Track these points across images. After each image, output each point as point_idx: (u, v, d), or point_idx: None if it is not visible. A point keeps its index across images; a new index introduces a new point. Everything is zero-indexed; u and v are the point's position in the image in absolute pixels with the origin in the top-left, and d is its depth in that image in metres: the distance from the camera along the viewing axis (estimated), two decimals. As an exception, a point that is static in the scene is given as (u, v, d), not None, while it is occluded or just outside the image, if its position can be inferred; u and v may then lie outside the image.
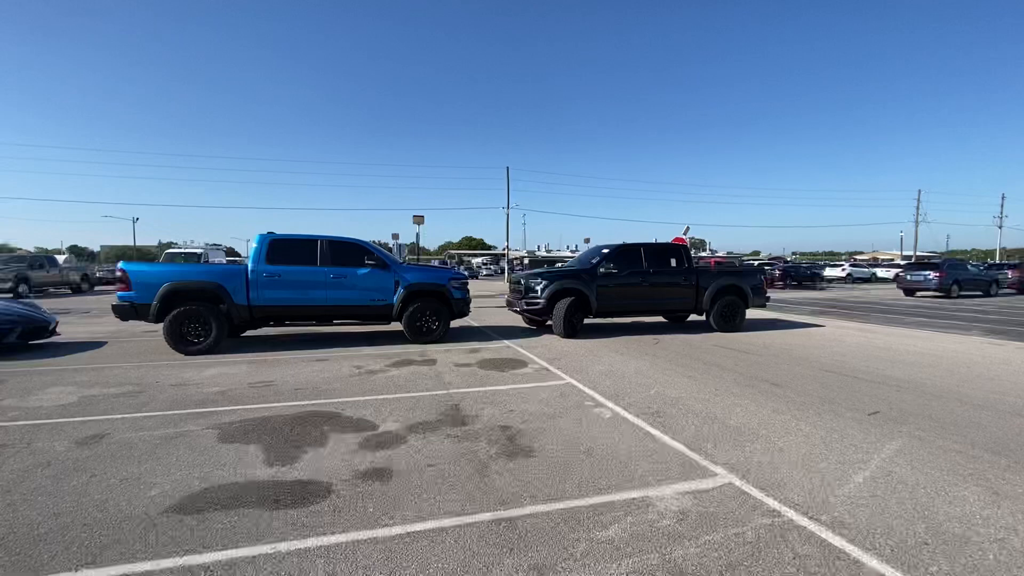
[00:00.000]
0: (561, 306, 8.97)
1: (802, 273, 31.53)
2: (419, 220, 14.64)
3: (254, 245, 7.87)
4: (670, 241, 20.63)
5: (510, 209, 46.51)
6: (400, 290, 8.28)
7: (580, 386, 5.55)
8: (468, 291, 9.10)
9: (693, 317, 11.03)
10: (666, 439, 3.88)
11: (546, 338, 9.07)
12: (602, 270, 9.40)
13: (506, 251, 43.89)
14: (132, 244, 66.02)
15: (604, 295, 9.35)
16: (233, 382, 5.70)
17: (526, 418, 4.40)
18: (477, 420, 4.35)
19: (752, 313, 12.32)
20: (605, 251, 9.83)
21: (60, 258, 24.41)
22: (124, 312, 7.32)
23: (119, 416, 4.46)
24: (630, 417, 4.43)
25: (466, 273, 7.48)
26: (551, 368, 6.49)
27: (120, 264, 7.41)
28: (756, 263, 41.57)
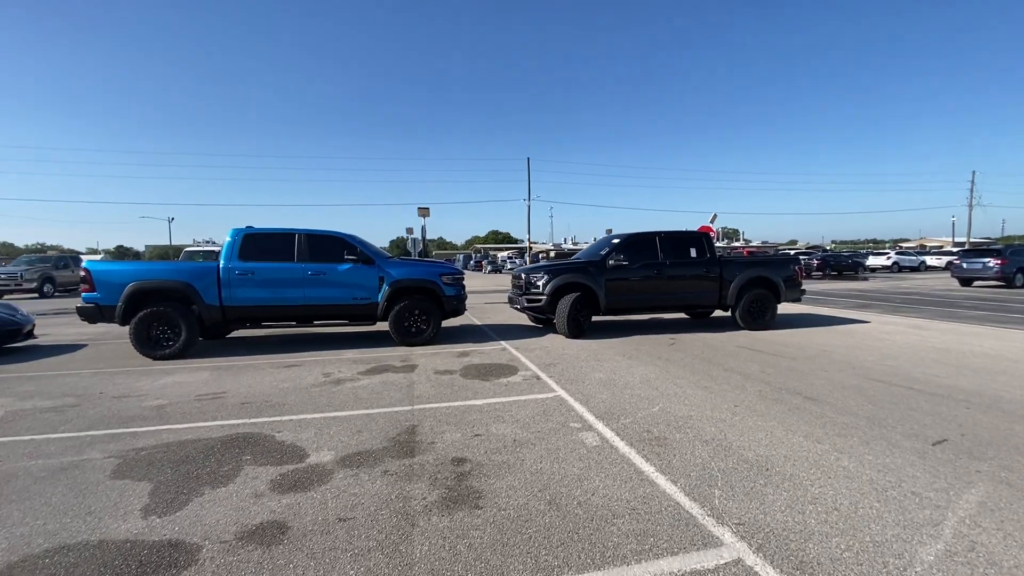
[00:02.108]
0: (565, 303, 8.09)
1: (843, 262, 29.52)
2: (424, 213, 13.90)
3: (227, 239, 7.29)
4: (696, 230, 19.34)
5: (531, 201, 45.65)
6: (385, 287, 7.57)
7: (570, 400, 4.69)
8: (463, 287, 8.32)
9: (718, 313, 9.96)
10: (660, 481, 2.99)
11: (549, 338, 8.20)
12: (611, 262, 8.44)
13: (528, 244, 43.01)
14: (169, 243, 68.19)
15: (613, 290, 8.41)
16: (181, 393, 5.09)
17: (492, 446, 3.58)
18: (431, 449, 3.55)
19: (785, 308, 11.12)
20: (615, 241, 8.86)
21: (96, 258, 24.96)
22: (89, 314, 6.84)
23: (27, 438, 3.88)
24: (621, 446, 3.55)
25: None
26: (543, 376, 5.64)
27: (84, 263, 6.93)
28: (792, 252, 39.31)
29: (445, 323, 9.68)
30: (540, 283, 8.32)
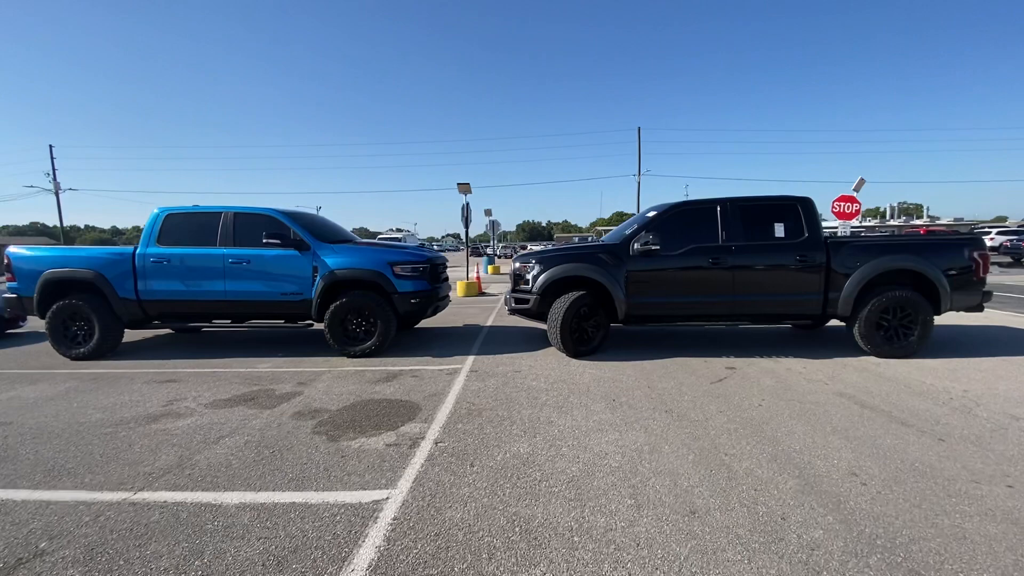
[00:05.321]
0: (560, 306, 5.57)
1: (1079, 243, 21.06)
2: (465, 188, 12.00)
3: (152, 213, 6.14)
4: (834, 200, 14.49)
5: (643, 176, 41.36)
6: (318, 280, 5.83)
7: (371, 527, 2.41)
8: (435, 280, 6.25)
9: (834, 322, 6.57)
10: None
11: (541, 356, 5.79)
12: (637, 246, 5.66)
13: (636, 224, 39.02)
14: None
15: (640, 287, 5.64)
16: (-36, 422, 3.90)
17: None
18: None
19: (949, 318, 7.13)
20: (650, 214, 5.99)
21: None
22: (13, 306, 6.22)
23: None
24: None
25: (430, 254, 5.00)
26: (425, 441, 3.38)
27: (7, 250, 6.30)
28: (994, 232, 29.46)
29: (438, 321, 7.81)
30: (529, 276, 5.89)
